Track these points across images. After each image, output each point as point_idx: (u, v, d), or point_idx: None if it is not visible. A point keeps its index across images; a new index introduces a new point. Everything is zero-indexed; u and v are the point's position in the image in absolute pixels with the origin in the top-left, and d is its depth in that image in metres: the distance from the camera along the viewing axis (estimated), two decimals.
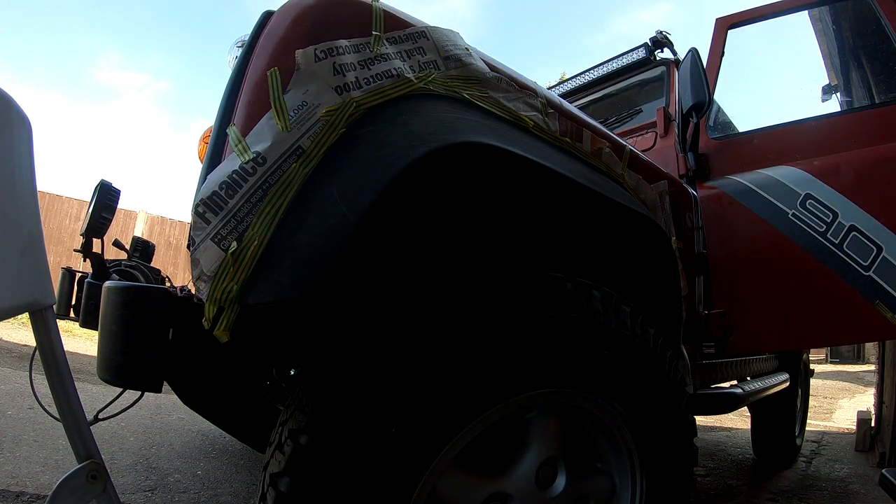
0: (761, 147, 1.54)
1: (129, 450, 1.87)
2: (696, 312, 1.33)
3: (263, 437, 1.22)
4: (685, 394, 0.97)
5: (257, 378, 1.67)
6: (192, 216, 0.60)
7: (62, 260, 6.96)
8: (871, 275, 1.31)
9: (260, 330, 0.79)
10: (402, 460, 0.64)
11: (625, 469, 0.89)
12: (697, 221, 1.43)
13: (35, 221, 0.56)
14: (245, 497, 1.57)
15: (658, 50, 2.06)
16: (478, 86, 0.80)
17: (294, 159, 0.62)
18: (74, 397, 0.58)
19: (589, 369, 0.80)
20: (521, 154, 0.73)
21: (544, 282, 0.78)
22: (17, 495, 1.35)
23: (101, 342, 0.68)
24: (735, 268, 1.43)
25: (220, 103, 0.71)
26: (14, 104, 0.55)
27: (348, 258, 0.67)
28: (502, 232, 0.97)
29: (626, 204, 0.91)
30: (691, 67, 1.43)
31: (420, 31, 0.77)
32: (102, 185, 1.01)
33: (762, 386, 1.78)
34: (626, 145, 1.07)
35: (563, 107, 0.95)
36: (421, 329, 0.67)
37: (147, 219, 8.55)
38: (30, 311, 0.56)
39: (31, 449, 1.72)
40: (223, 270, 0.58)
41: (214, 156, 0.67)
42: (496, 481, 0.75)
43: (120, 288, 0.66)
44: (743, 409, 2.97)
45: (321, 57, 0.66)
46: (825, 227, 1.34)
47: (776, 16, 1.64)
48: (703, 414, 1.46)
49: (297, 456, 0.62)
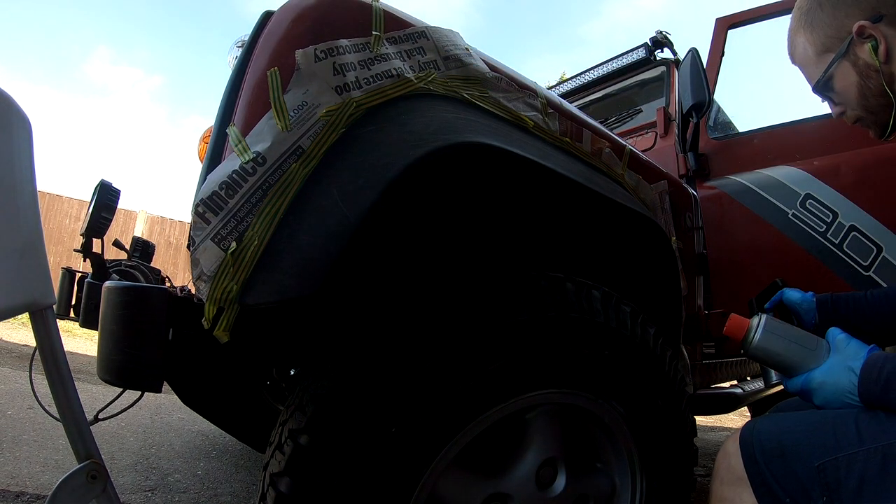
0: (761, 147, 1.54)
1: (129, 450, 1.87)
2: (696, 312, 1.33)
3: (263, 437, 1.22)
4: (685, 394, 0.97)
5: (257, 378, 1.67)
6: (192, 216, 0.60)
7: (62, 260, 6.97)
8: (871, 275, 1.31)
9: (260, 330, 0.79)
10: (402, 460, 0.64)
11: (625, 469, 0.89)
12: (697, 221, 1.43)
13: (35, 221, 0.56)
14: (245, 497, 1.57)
15: (658, 50, 2.05)
16: (478, 86, 0.80)
17: (294, 159, 0.62)
18: (74, 397, 0.58)
19: (589, 369, 0.80)
20: (521, 154, 0.73)
21: (544, 282, 0.78)
22: (17, 495, 1.35)
23: (101, 342, 0.68)
24: (735, 268, 1.43)
25: (220, 103, 0.71)
26: (14, 104, 0.55)
27: (348, 258, 0.67)
28: (503, 232, 0.97)
29: (626, 204, 0.91)
30: (691, 67, 1.43)
31: (420, 31, 0.77)
32: (102, 185, 1.01)
33: (762, 386, 1.78)
34: (626, 145, 1.07)
35: (563, 107, 0.95)
36: (421, 329, 0.67)
37: (147, 219, 8.55)
38: (30, 311, 0.56)
39: (31, 449, 1.72)
40: (223, 270, 0.58)
41: (214, 156, 0.67)
42: (496, 481, 0.75)
43: (120, 288, 0.66)
44: (743, 409, 2.98)
45: (321, 57, 0.66)
46: (825, 227, 1.34)
47: (776, 16, 1.64)
48: (703, 414, 1.46)
49: (297, 456, 0.62)
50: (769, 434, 0.63)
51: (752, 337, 0.77)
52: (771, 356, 0.75)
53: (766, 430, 0.64)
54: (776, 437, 0.62)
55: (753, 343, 0.76)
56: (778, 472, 0.60)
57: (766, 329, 0.76)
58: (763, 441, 0.63)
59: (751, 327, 0.78)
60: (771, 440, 0.62)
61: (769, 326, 0.76)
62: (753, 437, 0.64)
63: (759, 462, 0.62)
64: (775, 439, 0.62)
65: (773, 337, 0.76)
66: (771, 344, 0.75)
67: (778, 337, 0.75)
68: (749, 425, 0.67)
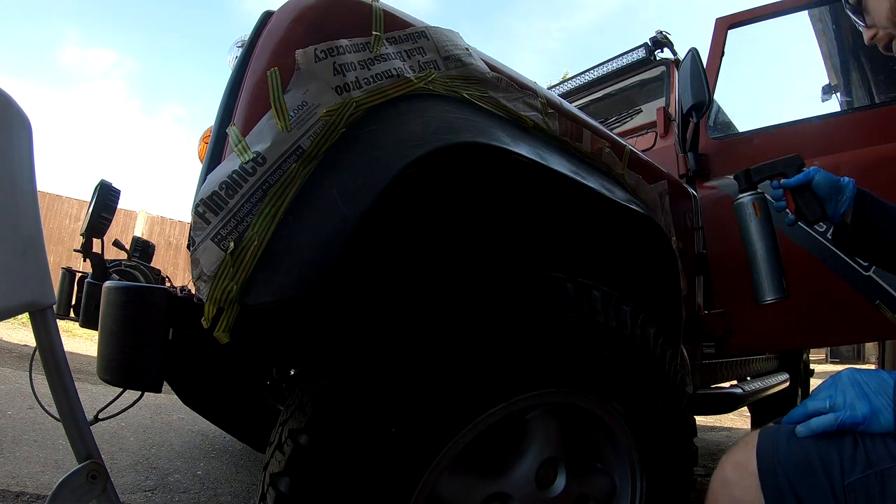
0: (761, 147, 1.54)
1: (129, 450, 1.87)
2: (696, 312, 1.33)
3: (263, 437, 1.22)
4: (685, 394, 0.97)
5: (257, 378, 1.67)
6: (192, 216, 0.60)
7: (62, 260, 6.96)
8: (871, 275, 1.31)
9: (260, 330, 0.79)
10: (402, 460, 0.64)
11: (625, 469, 0.89)
12: (697, 221, 1.43)
13: (35, 221, 0.56)
14: (245, 497, 1.57)
15: (658, 50, 2.06)
16: (478, 85, 0.80)
17: (294, 159, 0.62)
18: (74, 397, 0.58)
19: (589, 369, 0.80)
20: (521, 154, 0.73)
21: (545, 282, 0.78)
22: (17, 495, 1.35)
23: (101, 342, 0.68)
24: (735, 268, 1.43)
25: (220, 103, 0.71)
26: (14, 103, 0.55)
27: (348, 258, 0.67)
28: (503, 232, 0.97)
29: (626, 204, 0.91)
30: (691, 67, 1.43)
31: (420, 31, 0.77)
32: (102, 185, 1.01)
33: (762, 386, 1.79)
34: (626, 145, 1.07)
35: (563, 107, 0.95)
36: (421, 329, 0.67)
37: (147, 219, 8.55)
38: (30, 311, 0.56)
39: (31, 449, 1.72)
40: (223, 270, 0.58)
41: (214, 156, 0.67)
42: (496, 481, 0.75)
43: (120, 288, 0.66)
44: (743, 408, 2.98)
45: (321, 57, 0.66)
46: (825, 226, 1.34)
47: (776, 16, 1.64)
48: (703, 414, 1.46)
49: (297, 456, 0.62)
50: (797, 446, 0.57)
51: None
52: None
53: (790, 441, 0.58)
54: (803, 450, 0.56)
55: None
56: (802, 488, 0.54)
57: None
58: (788, 454, 0.57)
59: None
60: (798, 453, 0.56)
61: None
62: (777, 449, 0.58)
63: (779, 475, 0.56)
64: (802, 452, 0.56)
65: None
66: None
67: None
68: (768, 436, 0.60)
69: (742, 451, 0.61)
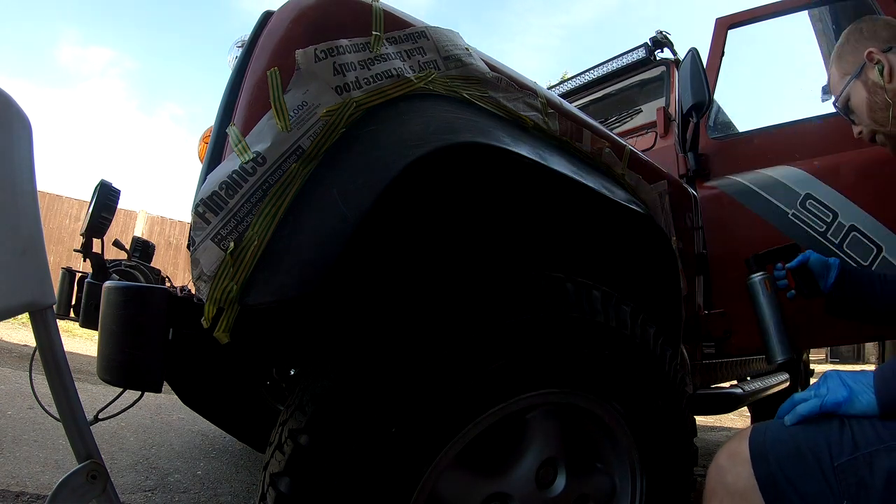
0: (761, 147, 1.54)
1: (129, 450, 1.87)
2: (696, 312, 1.33)
3: (263, 437, 1.23)
4: (685, 394, 0.97)
5: (257, 378, 1.67)
6: (192, 216, 0.60)
7: (62, 260, 6.96)
8: None
9: (260, 330, 0.79)
10: (403, 460, 0.64)
11: (625, 469, 0.89)
12: (697, 221, 1.43)
13: (35, 221, 0.56)
14: (245, 497, 1.57)
15: (658, 50, 2.06)
16: (478, 86, 0.80)
17: (294, 159, 0.62)
18: (74, 397, 0.58)
19: (589, 369, 0.80)
20: (521, 154, 0.73)
21: (545, 282, 0.78)
22: (17, 495, 1.35)
23: (101, 342, 0.68)
24: (735, 268, 1.43)
25: (220, 103, 0.71)
26: (14, 103, 0.55)
27: (349, 258, 0.67)
28: (503, 232, 0.97)
29: (627, 204, 0.91)
30: (691, 67, 1.42)
31: (420, 31, 0.77)
32: (102, 185, 1.01)
33: (762, 386, 1.79)
34: (626, 145, 1.07)
35: (563, 107, 0.95)
36: (421, 329, 0.67)
37: (147, 219, 8.55)
38: (30, 311, 0.56)
39: (31, 449, 1.72)
40: (223, 270, 0.58)
41: (214, 156, 0.67)
42: (496, 481, 0.75)
43: (120, 288, 0.66)
44: (743, 409, 2.98)
45: (321, 57, 0.66)
46: (825, 227, 1.34)
47: (776, 16, 1.64)
48: (703, 414, 1.46)
49: (297, 456, 0.62)
50: (786, 434, 0.61)
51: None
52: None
53: (780, 430, 0.62)
54: (792, 438, 0.60)
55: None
56: (792, 473, 0.58)
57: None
58: (778, 441, 0.61)
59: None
60: (787, 441, 0.60)
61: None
62: (767, 438, 0.62)
63: (770, 462, 0.60)
64: (791, 440, 0.60)
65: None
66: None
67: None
68: (760, 428, 0.64)
69: (735, 441, 0.65)
